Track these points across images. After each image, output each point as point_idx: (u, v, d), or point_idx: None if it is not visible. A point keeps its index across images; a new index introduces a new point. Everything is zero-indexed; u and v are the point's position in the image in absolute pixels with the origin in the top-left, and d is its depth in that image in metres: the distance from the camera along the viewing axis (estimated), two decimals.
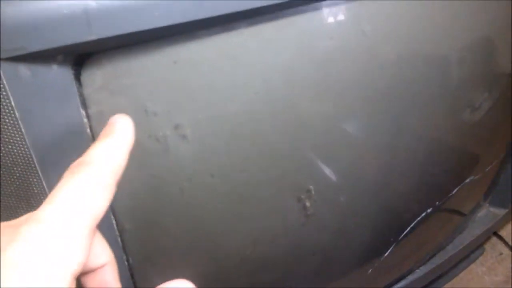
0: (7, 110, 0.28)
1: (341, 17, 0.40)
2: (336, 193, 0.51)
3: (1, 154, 0.29)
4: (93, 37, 0.28)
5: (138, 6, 0.28)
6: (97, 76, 0.32)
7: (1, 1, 0.26)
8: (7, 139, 0.29)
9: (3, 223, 0.23)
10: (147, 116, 0.34)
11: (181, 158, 0.38)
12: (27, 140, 0.29)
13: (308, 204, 0.46)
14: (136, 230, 0.40)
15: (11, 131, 0.29)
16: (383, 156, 0.59)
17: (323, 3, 0.38)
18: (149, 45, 0.32)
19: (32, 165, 0.30)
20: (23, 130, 0.29)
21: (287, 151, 0.42)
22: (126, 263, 0.41)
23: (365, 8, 0.40)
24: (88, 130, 0.33)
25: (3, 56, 0.27)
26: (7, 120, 0.28)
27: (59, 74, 0.30)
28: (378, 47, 0.44)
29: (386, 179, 0.61)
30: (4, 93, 0.27)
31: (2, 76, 0.27)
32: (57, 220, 0.22)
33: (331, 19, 0.39)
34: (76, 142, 0.33)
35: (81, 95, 0.32)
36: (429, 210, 0.68)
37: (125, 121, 0.28)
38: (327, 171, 0.48)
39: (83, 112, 0.32)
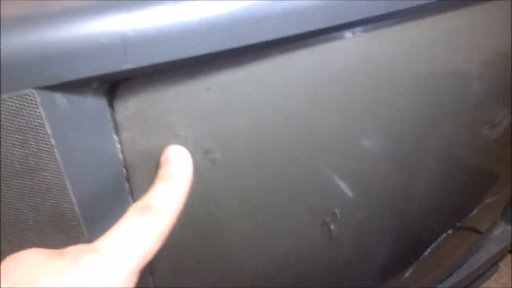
0: (43, 138, 0.27)
1: (362, 41, 0.39)
2: (359, 215, 0.50)
3: (36, 181, 0.28)
4: (129, 65, 0.28)
5: (175, 35, 0.28)
6: (129, 102, 0.31)
7: (38, 30, 0.26)
8: (42, 167, 0.28)
9: (51, 250, 0.24)
10: (178, 141, 0.34)
11: (210, 183, 0.37)
12: (61, 167, 0.29)
13: (332, 227, 0.45)
14: (161, 252, 0.39)
15: (46, 158, 0.28)
16: (405, 177, 0.58)
17: (346, 32, 0.37)
18: (182, 71, 0.32)
19: (65, 192, 0.29)
20: (58, 157, 0.28)
21: (314, 176, 0.42)
22: (152, 285, 0.40)
23: (385, 32, 0.40)
24: (120, 155, 0.33)
25: (40, 84, 0.26)
26: (42, 148, 0.28)
27: (93, 101, 0.29)
28: (397, 65, 0.43)
29: (407, 199, 0.60)
30: (40, 121, 0.27)
31: (39, 104, 0.26)
32: (114, 254, 0.24)
33: (353, 44, 0.39)
34: (108, 167, 0.32)
35: (114, 121, 0.31)
36: (449, 231, 0.67)
37: (186, 160, 0.31)
38: (352, 194, 0.47)
39: (115, 137, 0.32)
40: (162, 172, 0.30)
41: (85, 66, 0.27)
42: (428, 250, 0.66)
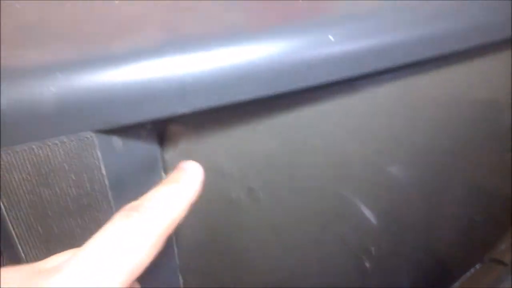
0: (98, 179, 0.27)
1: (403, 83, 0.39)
2: (393, 251, 0.49)
3: (87, 220, 0.28)
4: (185, 109, 0.27)
5: (230, 80, 0.28)
6: (179, 141, 0.31)
7: (99, 74, 0.26)
8: (94, 206, 0.28)
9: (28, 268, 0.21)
10: (223, 178, 0.34)
11: (251, 220, 0.37)
12: (113, 206, 0.29)
13: (367, 264, 0.45)
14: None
15: (99, 198, 0.28)
16: (434, 208, 0.57)
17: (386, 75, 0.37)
18: (230, 112, 0.32)
19: None
20: (110, 197, 0.28)
21: (353, 217, 0.41)
22: None
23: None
24: None
25: (99, 127, 0.26)
26: (96, 188, 0.28)
27: (146, 141, 0.29)
28: (431, 97, 0.43)
29: (435, 231, 0.59)
30: (97, 162, 0.27)
31: (97, 146, 0.26)
32: (86, 273, 0.19)
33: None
34: None
35: (163, 159, 0.31)
36: (477, 266, 0.66)
37: (196, 169, 0.27)
38: (386, 228, 0.46)
39: (163, 174, 0.32)
40: (168, 178, 0.26)
41: (144, 110, 0.27)
42: (456, 284, 0.65)
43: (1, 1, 0.30)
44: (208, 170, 0.33)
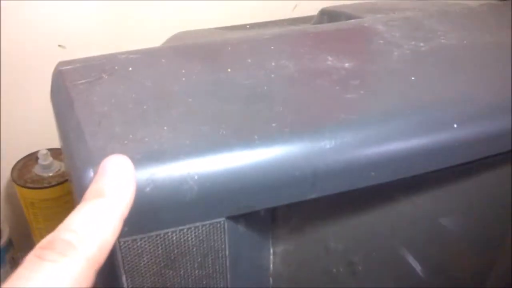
0: (220, 260, 0.26)
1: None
2: None
3: None
4: (314, 195, 0.26)
5: (361, 167, 0.27)
6: (291, 218, 0.30)
7: (233, 161, 0.25)
8: (212, 286, 0.27)
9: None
10: (326, 253, 0.32)
11: None
12: (229, 285, 0.28)
13: None
14: None
15: (218, 278, 0.27)
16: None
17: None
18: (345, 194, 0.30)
19: None
20: (228, 276, 0.27)
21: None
22: None
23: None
24: (271, 265, 0.31)
25: (231, 213, 0.25)
26: (217, 269, 0.27)
27: (263, 221, 0.28)
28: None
29: None
30: (223, 245, 0.26)
31: (226, 231, 0.25)
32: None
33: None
34: (259, 276, 0.31)
35: (273, 235, 0.30)
36: None
37: (126, 171, 0.21)
38: None
39: (271, 249, 0.31)
40: (90, 188, 0.20)
41: (276, 197, 0.25)
42: None
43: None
44: (313, 246, 0.32)
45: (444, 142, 0.28)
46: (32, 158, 0.66)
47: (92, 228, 0.18)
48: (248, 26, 0.63)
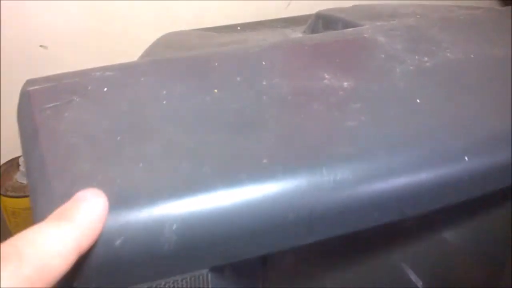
0: None
1: None
2: None
3: None
4: (310, 240, 0.23)
5: (363, 207, 0.23)
6: (283, 261, 0.27)
7: (218, 210, 0.21)
8: None
9: None
10: None
11: None
12: None
13: None
14: None
15: None
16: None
17: None
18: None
19: None
20: None
21: None
22: None
23: None
24: None
25: (215, 264, 0.22)
26: None
27: (253, 266, 0.25)
28: None
29: None
30: None
31: (210, 281, 0.22)
32: None
33: None
34: None
35: (264, 281, 0.27)
36: None
37: (97, 201, 0.19)
38: None
39: None
40: (58, 209, 0.19)
41: (267, 244, 0.22)
42: None
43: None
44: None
45: (454, 177, 0.25)
46: (13, 164, 0.62)
47: (35, 247, 0.16)
48: (239, 27, 0.59)
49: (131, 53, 0.50)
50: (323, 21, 0.47)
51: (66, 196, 0.19)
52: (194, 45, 0.49)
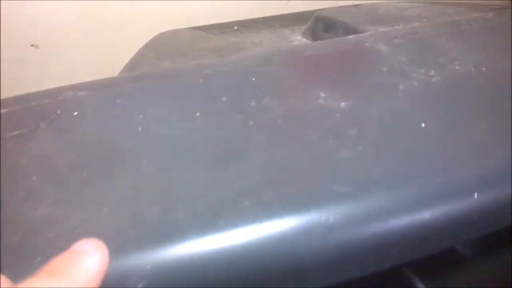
0: None
1: None
2: None
3: None
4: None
5: (359, 253, 0.21)
6: None
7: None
8: None
9: None
10: None
11: None
12: None
13: None
14: None
15: None
16: None
17: None
18: None
19: None
20: None
21: None
22: None
23: None
24: None
25: None
26: None
27: None
28: None
29: None
30: None
31: None
32: None
33: None
34: None
35: None
36: None
37: (96, 258, 0.16)
38: None
39: None
40: (51, 262, 0.16)
41: None
42: None
43: None
44: None
45: (462, 216, 0.22)
46: None
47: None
48: (236, 27, 0.56)
49: (124, 54, 0.47)
50: (323, 24, 0.43)
51: (18, 249, 0.17)
52: (187, 49, 0.46)
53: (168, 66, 0.31)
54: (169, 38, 0.51)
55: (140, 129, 0.23)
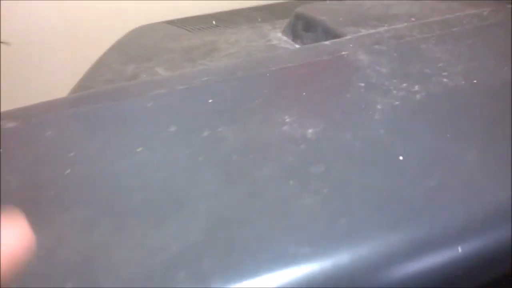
0: None
1: None
2: None
3: None
4: None
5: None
6: None
7: None
8: None
9: None
10: None
11: None
12: None
13: None
14: None
15: None
16: None
17: None
18: None
19: None
20: None
21: None
22: None
23: None
24: None
25: None
26: None
27: None
28: None
29: None
30: None
31: None
32: None
33: None
34: None
35: None
36: None
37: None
38: None
39: None
40: None
41: None
42: None
43: None
44: None
45: (442, 275, 0.18)
46: None
47: None
48: (214, 21, 0.52)
49: (100, 51, 0.43)
50: (303, 23, 0.39)
51: None
52: (156, 51, 0.42)
53: (116, 85, 0.28)
54: (140, 36, 0.47)
55: (68, 171, 0.20)
